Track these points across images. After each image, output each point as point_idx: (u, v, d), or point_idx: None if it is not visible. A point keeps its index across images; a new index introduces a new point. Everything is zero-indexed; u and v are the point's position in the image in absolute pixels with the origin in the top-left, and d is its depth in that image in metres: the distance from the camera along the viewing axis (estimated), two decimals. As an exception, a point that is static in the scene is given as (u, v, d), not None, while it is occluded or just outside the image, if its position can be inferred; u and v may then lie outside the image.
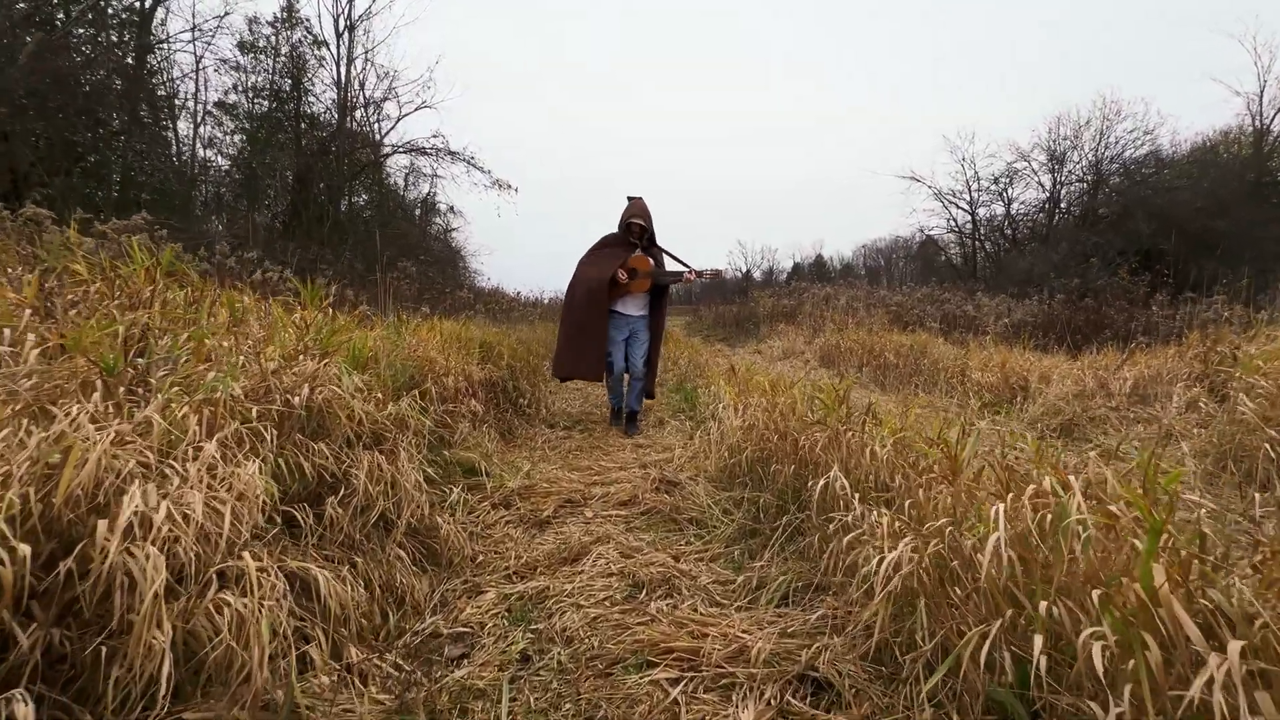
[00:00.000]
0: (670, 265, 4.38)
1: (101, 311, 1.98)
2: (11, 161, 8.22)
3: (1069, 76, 46.81)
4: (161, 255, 2.58)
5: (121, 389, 1.49)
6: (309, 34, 14.96)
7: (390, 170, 17.25)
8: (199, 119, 13.46)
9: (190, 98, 13.31)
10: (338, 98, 15.32)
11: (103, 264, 2.48)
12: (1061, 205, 18.44)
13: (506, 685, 1.42)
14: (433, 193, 17.82)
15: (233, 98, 14.05)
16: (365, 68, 15.70)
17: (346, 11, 15.17)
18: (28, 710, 0.91)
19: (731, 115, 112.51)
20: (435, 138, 15.45)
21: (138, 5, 11.92)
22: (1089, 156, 17.55)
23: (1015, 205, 19.35)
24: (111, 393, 1.41)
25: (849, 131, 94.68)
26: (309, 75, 15.00)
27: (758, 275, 43.50)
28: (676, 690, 1.39)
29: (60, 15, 11.13)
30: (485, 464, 3.01)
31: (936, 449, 1.71)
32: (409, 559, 1.88)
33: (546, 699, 1.39)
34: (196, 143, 13.53)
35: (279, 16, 14.47)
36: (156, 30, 12.32)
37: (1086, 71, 41.68)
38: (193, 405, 1.46)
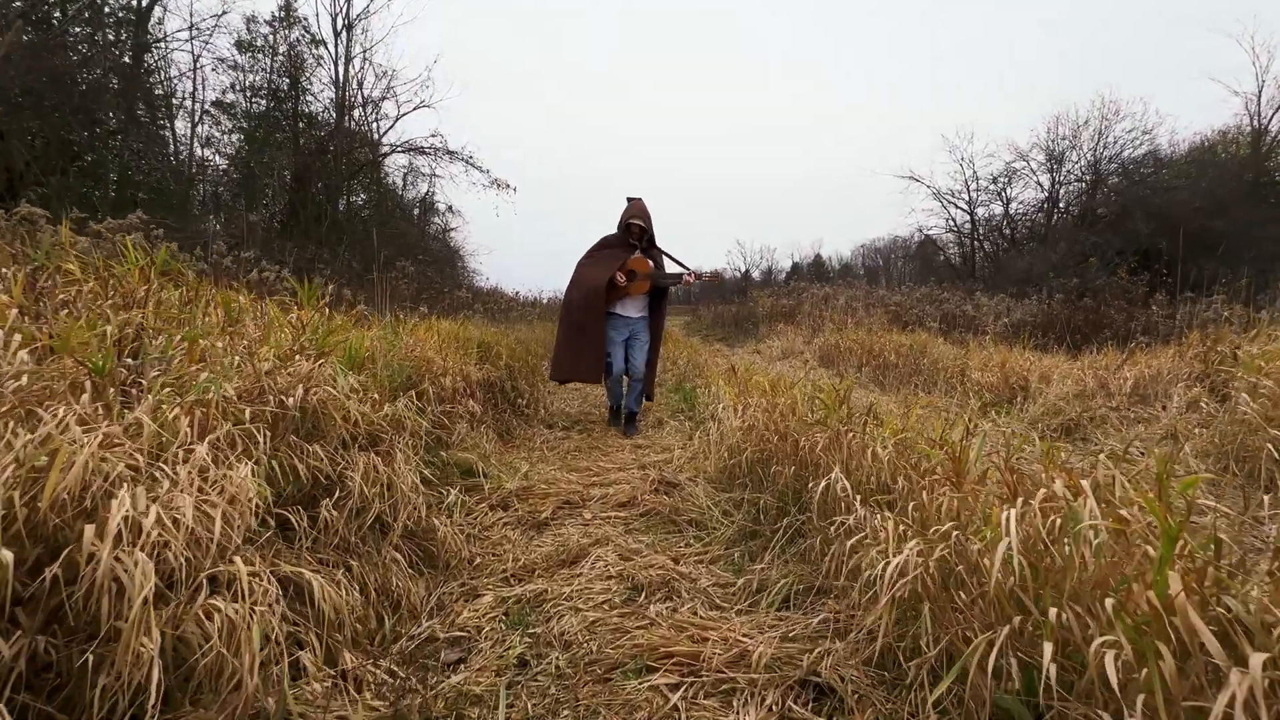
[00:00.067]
0: (670, 267, 4.36)
1: (94, 311, 1.96)
2: (7, 160, 8.18)
3: (1067, 75, 46.88)
4: (156, 255, 2.55)
5: (112, 390, 1.46)
6: (307, 33, 14.94)
7: (388, 170, 17.23)
8: (196, 118, 13.44)
9: (188, 97, 13.30)
10: (336, 97, 15.29)
11: (96, 263, 2.46)
12: (1060, 205, 18.43)
13: (504, 691, 1.40)
14: (431, 192, 17.80)
15: (230, 97, 14.03)
16: (363, 67, 15.67)
17: (344, 10, 15.14)
18: (11, 721, 0.89)
19: (730, 113, 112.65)
20: (434, 137, 15.43)
21: (134, 4, 11.88)
22: (1087, 156, 17.54)
23: (1014, 205, 19.35)
24: (101, 394, 1.39)
25: (847, 130, 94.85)
26: (307, 74, 14.98)
27: (756, 275, 43.59)
28: (676, 696, 1.37)
29: (57, 14, 11.10)
30: (483, 465, 2.99)
31: (940, 450, 1.69)
32: (405, 562, 1.86)
33: (544, 705, 1.37)
34: (194, 142, 13.51)
35: (277, 15, 14.46)
36: (153, 29, 12.29)
37: (1085, 70, 41.73)
38: (184, 407, 1.43)
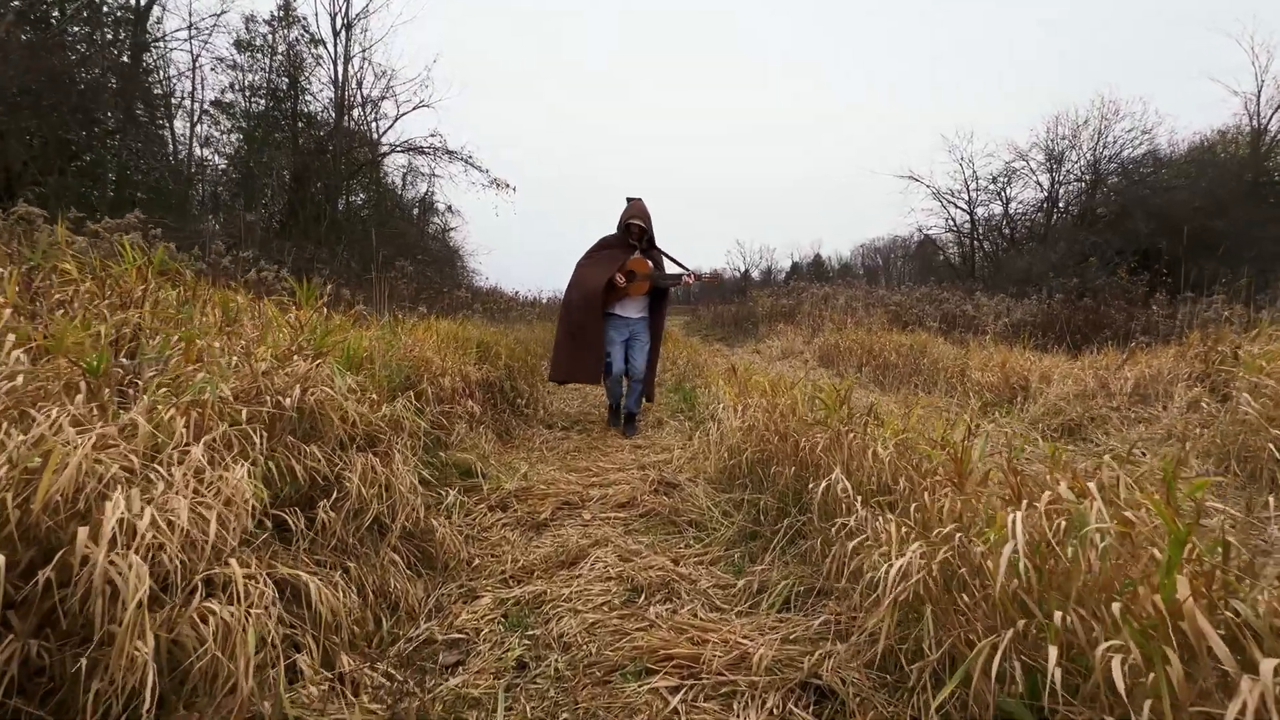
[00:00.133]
0: (669, 268, 4.35)
1: (91, 311, 1.95)
2: (5, 160, 8.17)
3: (1066, 75, 46.88)
4: (154, 254, 2.54)
5: (107, 391, 1.45)
6: (306, 32, 14.93)
7: (388, 169, 17.23)
8: (195, 118, 13.43)
9: (186, 96, 13.29)
10: (335, 96, 15.28)
11: (93, 263, 2.44)
12: (1060, 205, 18.43)
13: (502, 694, 1.39)
14: (430, 192, 17.80)
15: (229, 96, 14.02)
16: (362, 66, 15.66)
17: (344, 10, 15.13)
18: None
19: (729, 113, 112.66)
20: (433, 136, 15.42)
21: (133, 3, 11.87)
22: (1087, 156, 17.54)
23: (1013, 205, 19.34)
24: (96, 395, 1.37)
25: (847, 129, 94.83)
26: (306, 74, 14.97)
27: (756, 275, 43.62)
28: (676, 699, 1.35)
29: (55, 13, 11.07)
30: (482, 465, 2.98)
31: (941, 451, 1.68)
32: (403, 563, 1.85)
33: (543, 708, 1.35)
34: (193, 141, 13.49)
35: (276, 15, 14.45)
36: (152, 28, 12.28)
37: (1084, 70, 41.74)
38: (180, 407, 1.42)
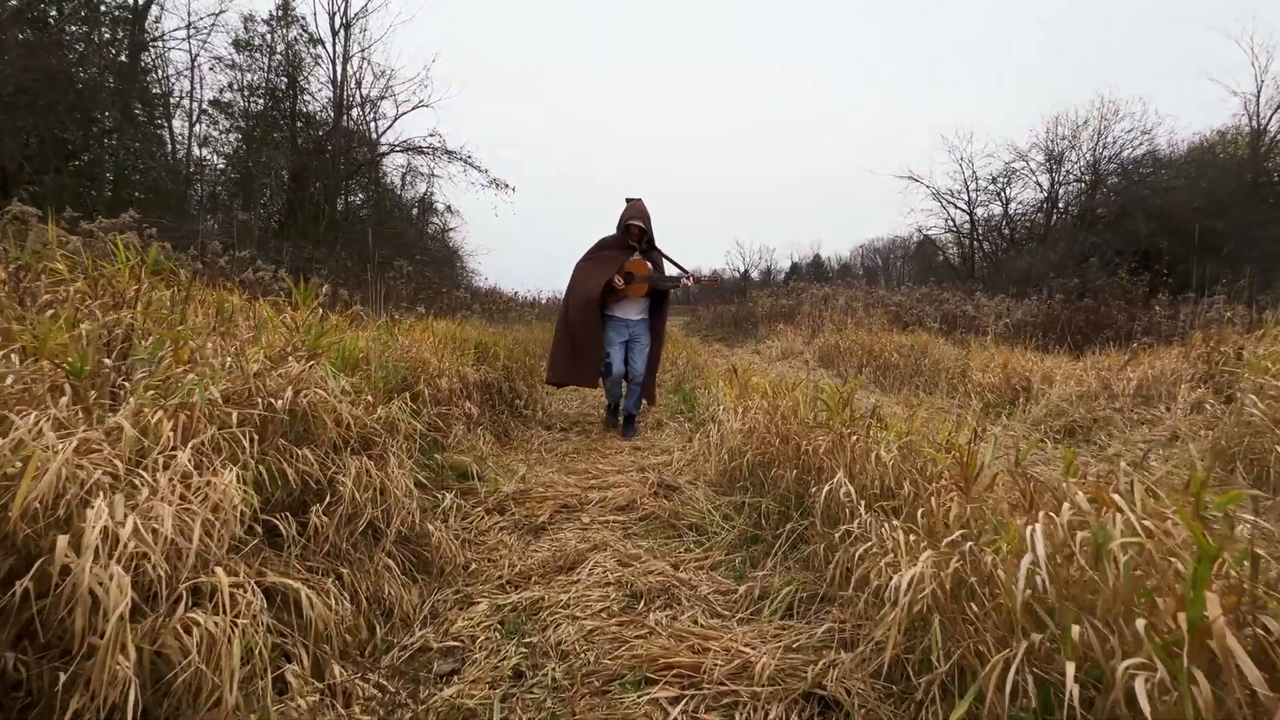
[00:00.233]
0: (669, 269, 4.31)
1: (83, 311, 1.91)
2: (0, 159, 8.12)
3: (1066, 74, 46.87)
4: (148, 254, 2.50)
5: (94, 393, 1.41)
6: (305, 32, 14.91)
7: (387, 169, 17.20)
8: (194, 117, 13.41)
9: (185, 96, 13.25)
10: (334, 96, 15.24)
11: (85, 263, 2.40)
12: (1059, 205, 18.42)
13: (498, 705, 1.35)
14: (430, 192, 17.77)
15: (228, 96, 14.00)
16: (361, 66, 15.64)
17: (342, 9, 15.10)
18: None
19: (728, 112, 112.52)
20: (432, 136, 15.39)
21: (131, 2, 11.83)
22: (1087, 156, 17.53)
23: (1013, 205, 19.33)
24: (81, 397, 1.34)
25: (846, 128, 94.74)
26: (305, 73, 14.95)
27: (755, 275, 43.59)
28: (677, 710, 1.32)
29: (53, 12, 11.04)
30: (479, 468, 2.94)
31: (946, 454, 1.65)
32: (398, 569, 1.81)
33: (540, 719, 1.32)
34: (191, 141, 13.46)
35: (274, 14, 14.44)
36: (150, 28, 12.26)
37: (1083, 69, 41.72)
38: (167, 410, 1.38)
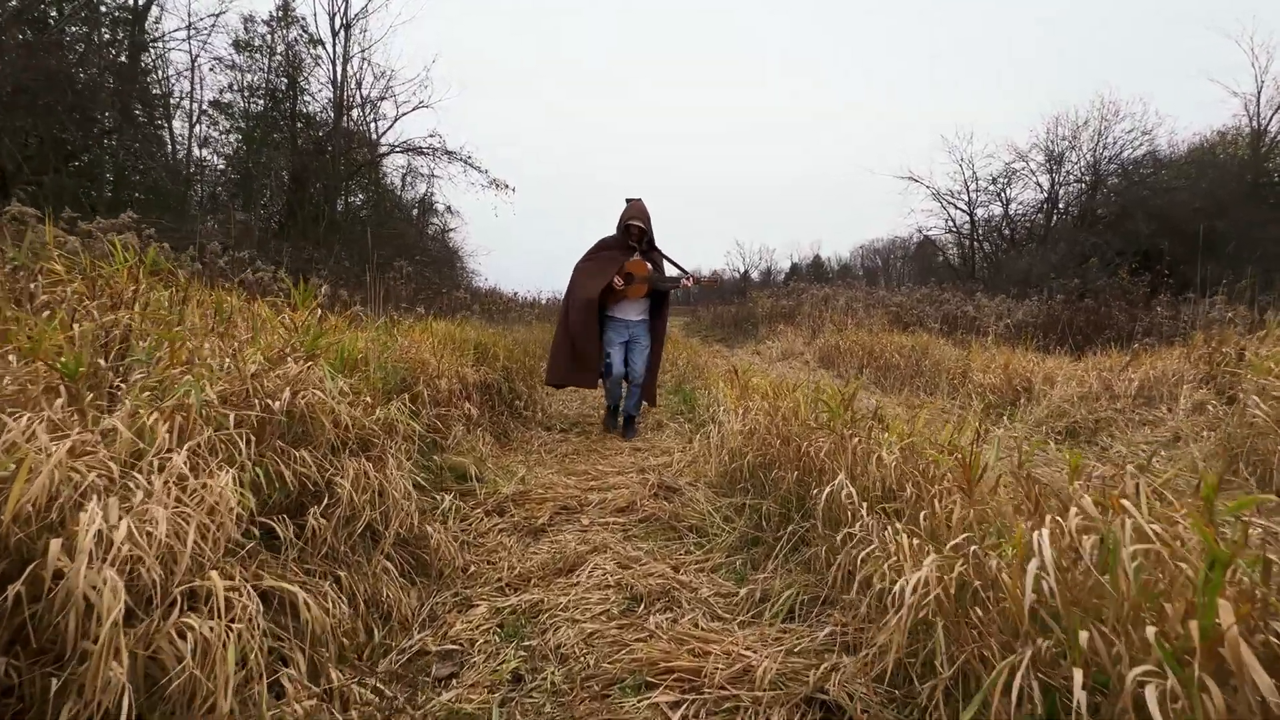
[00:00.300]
0: (670, 270, 4.30)
1: (81, 311, 1.90)
2: None
3: (1065, 73, 46.81)
4: (146, 254, 2.49)
5: (90, 394, 1.40)
6: (305, 33, 14.90)
7: (387, 170, 17.19)
8: (194, 118, 13.38)
9: (185, 96, 13.24)
10: (334, 97, 15.24)
11: (83, 263, 2.39)
12: (1060, 206, 18.40)
13: (497, 709, 1.34)
14: (430, 193, 17.75)
15: (228, 96, 13.98)
16: (362, 67, 15.63)
17: (342, 10, 15.10)
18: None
19: (728, 111, 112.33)
20: (432, 137, 15.39)
21: (131, 3, 11.83)
22: (1087, 157, 17.50)
23: (1013, 206, 19.30)
24: (76, 399, 1.32)
25: (846, 128, 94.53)
26: (305, 74, 14.94)
27: (755, 275, 43.56)
28: (677, 715, 1.31)
29: (53, 13, 11.03)
30: (479, 469, 2.93)
31: (949, 456, 1.64)
32: (396, 571, 1.80)
33: (539, 724, 1.31)
34: (192, 142, 13.45)
35: (275, 15, 14.41)
36: (151, 28, 12.25)
37: (1083, 68, 41.69)
38: (163, 412, 1.37)
